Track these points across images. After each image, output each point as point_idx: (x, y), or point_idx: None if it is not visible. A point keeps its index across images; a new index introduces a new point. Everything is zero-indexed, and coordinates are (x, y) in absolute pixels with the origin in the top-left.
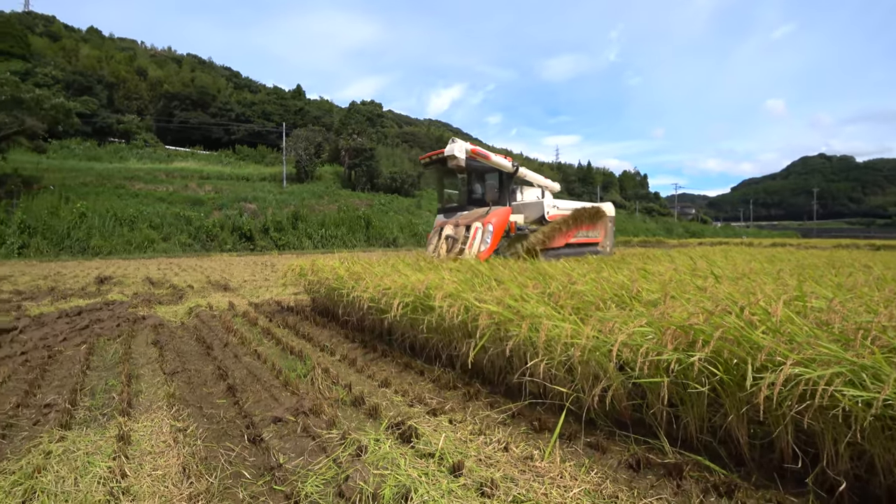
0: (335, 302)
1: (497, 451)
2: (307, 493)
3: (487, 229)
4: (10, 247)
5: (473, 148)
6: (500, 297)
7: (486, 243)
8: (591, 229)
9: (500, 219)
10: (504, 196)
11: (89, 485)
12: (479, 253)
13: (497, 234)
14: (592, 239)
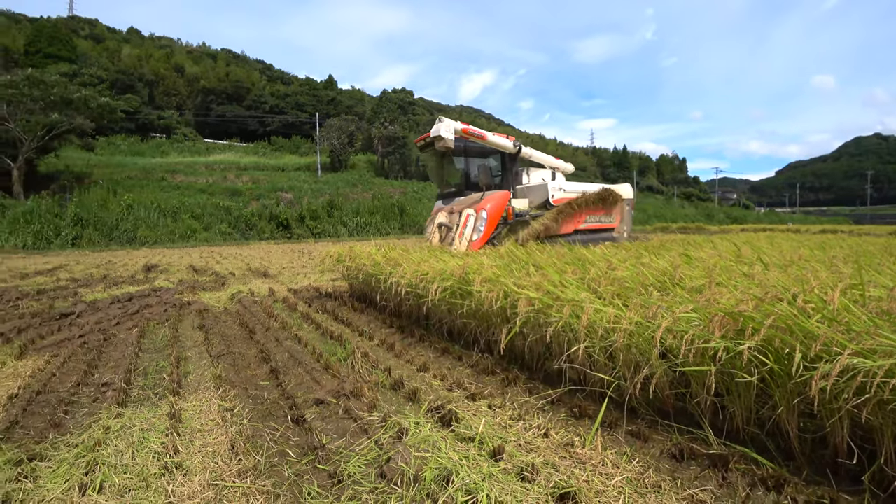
0: (372, 288)
1: (537, 436)
2: (350, 472)
3: (481, 216)
4: (65, 238)
5: (465, 127)
6: (539, 282)
7: (480, 231)
8: (604, 213)
9: (496, 204)
10: (507, 179)
11: (145, 459)
12: (472, 242)
13: (492, 221)
14: (606, 224)
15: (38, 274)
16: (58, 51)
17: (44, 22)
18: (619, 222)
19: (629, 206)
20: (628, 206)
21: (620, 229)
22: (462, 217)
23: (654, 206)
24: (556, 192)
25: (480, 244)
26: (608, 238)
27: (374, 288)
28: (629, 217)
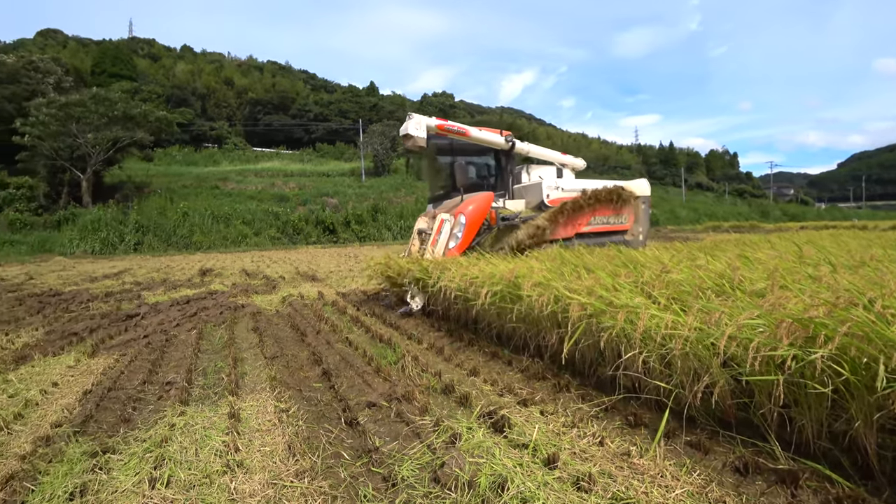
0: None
1: (592, 445)
2: (403, 476)
3: (459, 221)
4: (128, 244)
5: (441, 123)
6: (591, 286)
7: (457, 238)
8: (614, 214)
9: (477, 207)
10: (503, 179)
11: (208, 456)
12: (448, 250)
13: (471, 226)
14: (616, 226)
15: (106, 277)
16: (120, 70)
17: (107, 44)
18: (633, 223)
19: (645, 205)
20: (644, 204)
21: (634, 231)
22: (436, 222)
23: (704, 205)
24: (553, 191)
25: (458, 252)
26: (619, 241)
27: (422, 292)
28: (645, 217)
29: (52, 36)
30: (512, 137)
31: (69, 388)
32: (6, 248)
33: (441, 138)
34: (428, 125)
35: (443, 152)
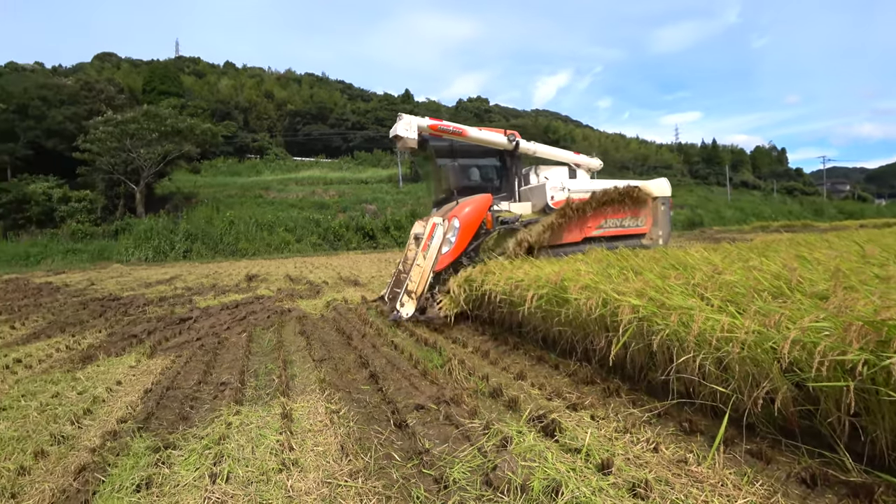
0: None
1: (646, 451)
2: (455, 478)
3: (452, 225)
4: (178, 251)
5: (433, 123)
6: (641, 288)
7: (450, 243)
8: (630, 216)
9: (473, 210)
10: (508, 180)
11: (263, 454)
12: (441, 255)
13: (466, 230)
14: (631, 229)
15: (159, 283)
16: (168, 88)
17: (156, 64)
18: (651, 226)
19: (665, 206)
20: (664, 205)
21: (653, 235)
22: (429, 226)
23: (751, 204)
24: (558, 192)
25: (451, 258)
26: (636, 245)
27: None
28: (666, 219)
29: (107, 59)
30: (516, 137)
31: (132, 387)
32: (69, 257)
33: (442, 140)
34: (419, 125)
35: (444, 154)
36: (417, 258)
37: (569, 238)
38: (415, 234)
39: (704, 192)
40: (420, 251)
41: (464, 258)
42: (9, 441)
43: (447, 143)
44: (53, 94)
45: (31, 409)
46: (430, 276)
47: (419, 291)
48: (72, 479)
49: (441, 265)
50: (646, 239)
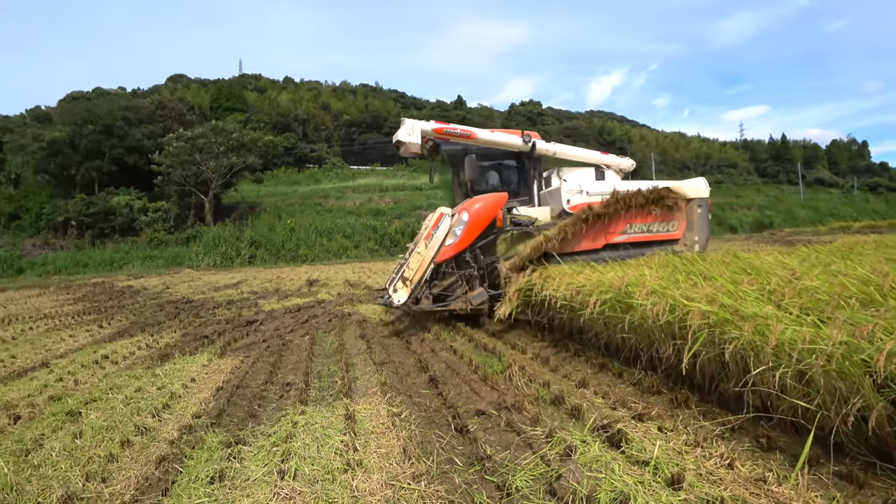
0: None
1: (720, 467)
2: (517, 486)
3: (461, 218)
4: (243, 257)
5: (438, 126)
6: (712, 294)
7: (455, 236)
8: (660, 220)
9: (485, 206)
10: (527, 184)
11: (328, 453)
12: (444, 247)
13: (475, 225)
14: (661, 235)
15: (227, 287)
16: (233, 104)
17: (222, 82)
18: (684, 229)
19: (702, 209)
20: (700, 207)
21: (688, 240)
22: (434, 216)
23: (828, 203)
24: (575, 195)
25: (454, 251)
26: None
27: (526, 301)
28: (702, 223)
29: (179, 80)
30: (532, 138)
31: (204, 384)
32: (147, 263)
33: (455, 144)
34: (423, 130)
35: (458, 159)
36: (419, 246)
37: (588, 244)
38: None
39: (774, 192)
40: (423, 239)
41: (468, 254)
42: (99, 429)
43: (461, 147)
44: (133, 114)
45: (118, 402)
46: (429, 266)
47: (415, 280)
48: (153, 468)
49: (442, 257)
50: (679, 245)
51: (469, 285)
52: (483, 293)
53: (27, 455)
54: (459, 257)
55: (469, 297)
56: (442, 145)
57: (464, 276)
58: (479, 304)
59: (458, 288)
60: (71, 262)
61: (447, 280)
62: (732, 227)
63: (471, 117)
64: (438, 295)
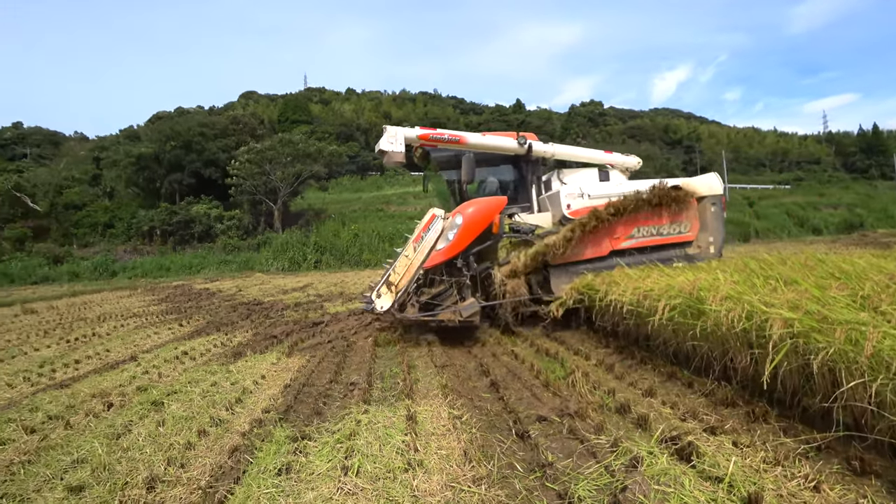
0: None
1: (804, 489)
2: (580, 495)
3: (454, 221)
4: (309, 262)
5: (424, 133)
6: (794, 300)
7: (447, 240)
8: (669, 221)
9: (481, 210)
10: (525, 188)
11: (390, 452)
12: (434, 252)
13: (468, 229)
14: (672, 237)
15: (294, 290)
16: (299, 116)
17: (289, 97)
18: (698, 231)
19: (716, 207)
20: (714, 206)
21: (702, 242)
22: (426, 218)
23: None
24: (575, 200)
25: (445, 257)
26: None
27: (590, 306)
28: (717, 223)
29: (249, 96)
30: (528, 139)
31: (273, 381)
32: (222, 267)
33: (446, 151)
34: (407, 137)
35: (450, 166)
36: (406, 249)
37: (592, 252)
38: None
39: (865, 189)
40: (412, 242)
41: (459, 260)
42: (179, 419)
43: (452, 154)
44: (210, 129)
45: (196, 394)
46: (417, 271)
47: (401, 285)
48: (226, 458)
49: (431, 262)
50: (692, 248)
51: (460, 295)
52: (474, 304)
53: (118, 439)
54: (450, 263)
55: (459, 307)
56: (432, 153)
57: (454, 284)
58: (470, 316)
59: (448, 297)
60: (156, 266)
61: (437, 288)
62: (816, 229)
63: (530, 120)
64: (426, 303)
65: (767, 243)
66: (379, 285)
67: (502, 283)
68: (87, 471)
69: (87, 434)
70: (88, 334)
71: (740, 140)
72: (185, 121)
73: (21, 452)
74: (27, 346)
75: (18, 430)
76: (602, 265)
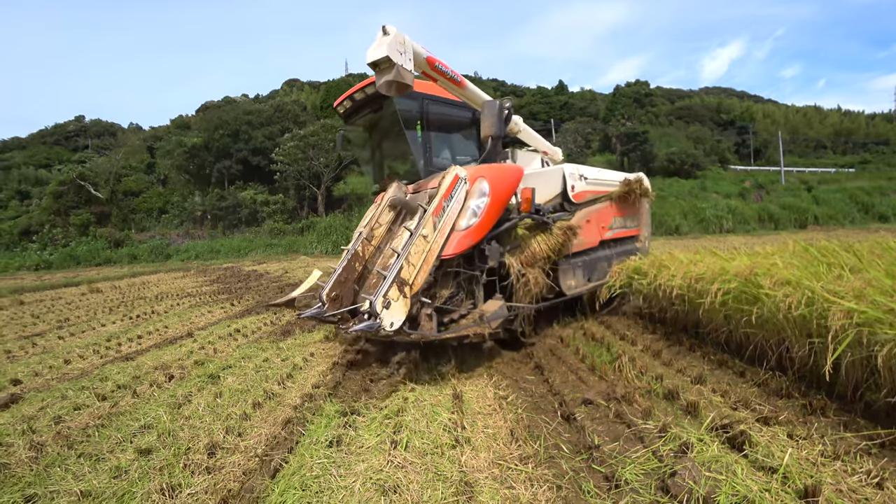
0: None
1: (865, 485)
2: (627, 479)
3: (479, 188)
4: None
5: (431, 55)
6: (860, 288)
7: (475, 215)
8: (629, 215)
9: (506, 177)
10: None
11: (437, 429)
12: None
13: (496, 205)
14: (631, 230)
15: None
16: None
17: (330, 83)
18: (643, 227)
19: (648, 204)
20: (648, 203)
21: (643, 237)
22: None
23: None
24: (577, 181)
25: (474, 239)
26: (630, 252)
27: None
28: (649, 219)
29: (293, 83)
30: (510, 102)
31: (322, 359)
32: (268, 250)
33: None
34: (416, 52)
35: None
36: (423, 225)
37: (589, 241)
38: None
39: None
40: (430, 215)
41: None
42: (235, 392)
43: (416, 103)
44: (255, 118)
45: (249, 369)
46: (434, 262)
47: (417, 284)
48: (280, 429)
49: (459, 247)
50: (638, 242)
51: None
52: (503, 307)
53: (179, 408)
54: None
55: (485, 313)
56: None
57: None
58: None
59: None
60: (207, 249)
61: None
62: (882, 216)
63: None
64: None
65: (827, 230)
66: (383, 288)
67: (520, 275)
68: (154, 436)
69: (152, 402)
70: (148, 312)
71: (799, 120)
72: (232, 109)
73: (95, 417)
74: (94, 322)
75: (92, 397)
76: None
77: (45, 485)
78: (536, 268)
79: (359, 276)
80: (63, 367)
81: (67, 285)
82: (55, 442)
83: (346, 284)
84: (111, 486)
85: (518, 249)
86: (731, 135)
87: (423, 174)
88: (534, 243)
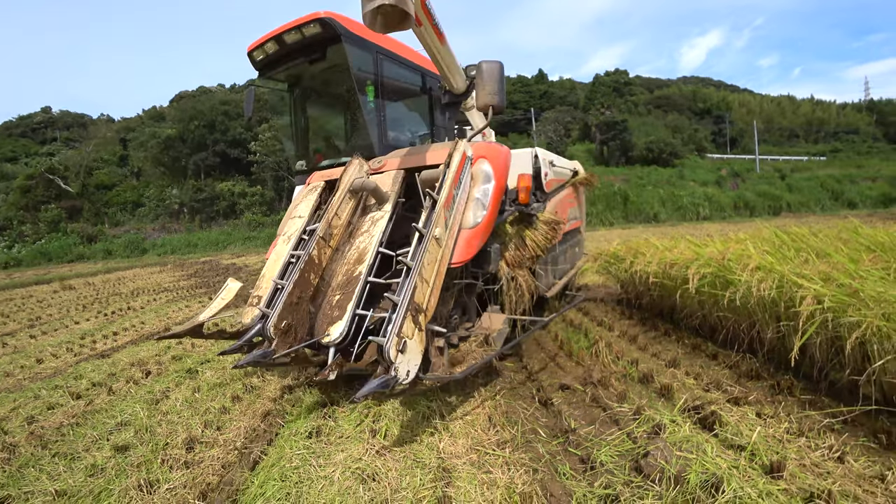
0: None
1: (827, 459)
2: (602, 461)
3: (482, 171)
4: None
5: None
6: (827, 272)
7: (483, 206)
8: (576, 205)
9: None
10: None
11: (415, 417)
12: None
13: (499, 190)
14: (577, 222)
15: None
16: None
17: None
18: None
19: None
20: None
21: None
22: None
23: None
24: (549, 168)
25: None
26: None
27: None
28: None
29: None
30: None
31: None
32: (247, 243)
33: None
34: None
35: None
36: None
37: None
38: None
39: None
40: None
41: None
42: (213, 386)
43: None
44: (232, 108)
45: (227, 363)
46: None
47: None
48: (259, 421)
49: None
50: (580, 234)
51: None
52: (506, 321)
53: (157, 404)
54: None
55: (490, 332)
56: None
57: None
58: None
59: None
60: (184, 243)
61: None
62: (851, 203)
63: (553, 90)
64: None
65: (798, 217)
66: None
67: (510, 278)
68: (131, 432)
69: (129, 399)
70: (124, 308)
71: (773, 109)
72: (208, 99)
73: (69, 416)
74: (68, 320)
75: (66, 396)
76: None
77: (19, 486)
78: (524, 268)
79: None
80: (35, 366)
81: (38, 283)
82: (28, 442)
83: (299, 307)
84: (87, 484)
85: (504, 248)
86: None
87: (377, 150)
88: (525, 240)
